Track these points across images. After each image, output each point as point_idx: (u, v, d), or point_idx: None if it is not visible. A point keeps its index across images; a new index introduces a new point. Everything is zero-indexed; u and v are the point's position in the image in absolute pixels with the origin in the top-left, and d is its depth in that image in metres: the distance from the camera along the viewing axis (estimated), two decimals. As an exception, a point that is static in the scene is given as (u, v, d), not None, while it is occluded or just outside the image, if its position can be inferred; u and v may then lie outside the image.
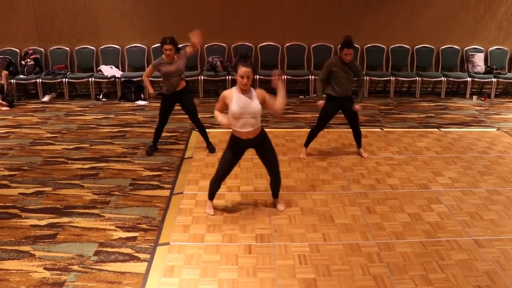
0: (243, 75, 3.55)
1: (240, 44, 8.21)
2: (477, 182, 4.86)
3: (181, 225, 4.04)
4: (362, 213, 4.24)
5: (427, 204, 4.39)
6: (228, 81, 7.98)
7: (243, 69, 3.54)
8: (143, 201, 4.52)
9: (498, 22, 8.28)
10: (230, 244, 3.75)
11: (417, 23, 8.23)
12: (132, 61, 8.27)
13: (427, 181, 4.88)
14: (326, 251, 3.66)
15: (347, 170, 5.14)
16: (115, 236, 3.93)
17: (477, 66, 8.08)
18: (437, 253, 3.64)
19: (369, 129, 6.44)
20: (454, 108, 7.62)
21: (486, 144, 5.93)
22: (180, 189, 4.70)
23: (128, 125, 6.69)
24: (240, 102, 3.68)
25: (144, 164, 5.36)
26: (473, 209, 4.31)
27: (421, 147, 5.82)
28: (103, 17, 8.09)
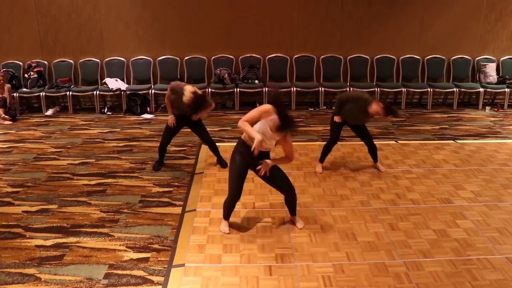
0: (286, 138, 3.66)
1: (248, 56, 8.07)
2: (501, 196, 4.67)
3: (196, 244, 3.83)
4: (385, 230, 4.03)
5: (452, 220, 4.19)
6: (236, 94, 7.82)
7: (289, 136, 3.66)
8: (154, 219, 4.31)
9: (509, 31, 8.16)
10: (249, 265, 3.54)
11: (428, 33, 8.11)
12: (138, 74, 8.12)
13: (449, 195, 4.69)
14: (351, 271, 3.45)
15: (365, 184, 4.94)
16: (126, 257, 3.72)
17: (489, 76, 7.94)
18: (469, 273, 3.43)
19: (384, 142, 6.26)
20: (468, 119, 7.46)
21: (506, 156, 5.75)
22: (192, 206, 4.50)
23: (135, 139, 6.51)
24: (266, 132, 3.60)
25: (154, 180, 5.17)
26: (501, 225, 4.11)
27: (438, 159, 5.64)
28: (107, 29, 7.96)
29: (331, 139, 5.16)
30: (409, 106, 8.22)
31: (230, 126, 7.12)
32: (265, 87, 7.84)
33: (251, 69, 7.92)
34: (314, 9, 7.91)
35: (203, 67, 8.07)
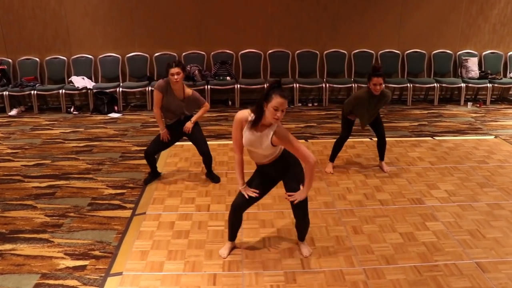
0: (278, 107, 2.77)
1: (220, 52, 7.74)
2: (476, 195, 4.35)
3: (139, 251, 3.49)
4: (347, 233, 3.70)
5: (422, 222, 3.87)
6: (206, 91, 7.48)
7: (280, 100, 2.75)
8: (100, 223, 3.97)
9: (491, 25, 7.88)
10: (192, 274, 3.20)
11: (407, 27, 7.81)
12: (106, 72, 7.77)
13: (421, 195, 4.37)
14: (304, 280, 3.12)
15: (332, 184, 4.62)
16: (62, 265, 3.37)
17: (471, 71, 7.65)
18: (434, 280, 3.10)
19: (357, 139, 5.94)
20: (449, 116, 7.15)
21: (485, 153, 5.44)
22: (143, 209, 4.15)
23: (97, 139, 6.16)
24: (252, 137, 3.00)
25: (108, 181, 4.82)
26: (474, 227, 3.79)
27: (414, 157, 5.32)
28: (74, 25, 7.61)
29: (343, 135, 4.80)
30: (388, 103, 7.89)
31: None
32: (237, 83, 7.50)
33: (222, 65, 7.59)
34: (289, 3, 7.59)
35: (173, 64, 7.71)
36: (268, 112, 2.82)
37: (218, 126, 6.63)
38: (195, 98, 4.48)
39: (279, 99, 2.77)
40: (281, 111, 2.79)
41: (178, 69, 4.23)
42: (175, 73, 4.22)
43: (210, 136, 6.19)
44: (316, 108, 7.65)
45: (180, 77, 4.26)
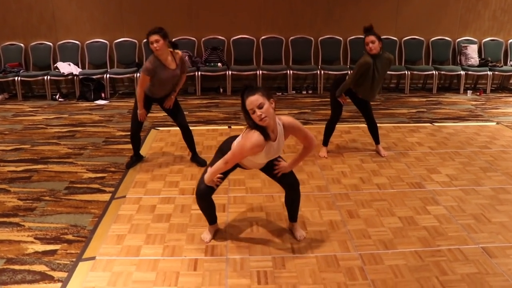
0: (252, 108, 2.52)
1: (211, 38, 7.46)
2: (480, 180, 4.09)
3: (115, 235, 3.21)
4: (342, 217, 3.43)
5: (422, 206, 3.60)
6: (197, 78, 7.20)
7: (248, 101, 2.52)
8: (76, 207, 3.68)
9: (491, 11, 7.62)
10: (171, 259, 2.92)
11: (404, 13, 7.55)
12: (93, 58, 7.48)
13: (421, 179, 4.10)
14: (294, 266, 2.84)
15: (326, 168, 4.34)
16: (30, 250, 3.08)
17: (470, 58, 7.39)
18: (437, 266, 2.83)
19: (353, 125, 5.68)
20: (448, 103, 6.89)
21: (486, 139, 5.18)
22: (123, 193, 3.87)
23: (81, 125, 5.86)
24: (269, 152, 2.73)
25: (88, 165, 4.53)
26: (478, 211, 3.53)
27: (412, 142, 5.06)
28: (60, 9, 7.31)
29: (333, 116, 4.51)
30: (385, 91, 7.64)
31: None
32: (229, 70, 7.22)
33: (213, 51, 7.30)
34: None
35: (163, 50, 7.43)
36: (254, 119, 2.57)
37: (208, 113, 6.35)
38: (183, 60, 4.18)
39: (248, 100, 2.53)
40: (258, 108, 2.52)
41: (156, 36, 3.88)
42: (153, 41, 3.89)
43: (199, 121, 5.91)
44: (311, 95, 7.38)
45: (160, 45, 3.90)
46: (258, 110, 2.52)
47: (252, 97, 2.52)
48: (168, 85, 4.14)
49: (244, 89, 2.59)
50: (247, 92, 2.56)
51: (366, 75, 4.18)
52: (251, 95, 2.53)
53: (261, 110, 2.52)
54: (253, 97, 2.52)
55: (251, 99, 2.52)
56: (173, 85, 4.19)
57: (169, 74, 4.04)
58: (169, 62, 4.03)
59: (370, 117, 4.52)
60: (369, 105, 4.51)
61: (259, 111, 2.52)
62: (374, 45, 4.07)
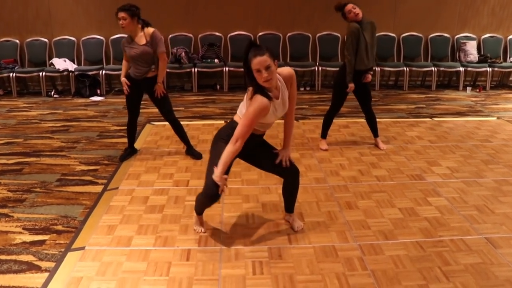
0: (259, 68, 2.42)
1: (208, 34, 7.38)
2: (481, 172, 4.00)
3: (106, 225, 3.10)
4: (340, 209, 3.33)
5: (423, 197, 3.51)
6: (194, 74, 7.12)
7: (256, 60, 2.40)
8: (67, 198, 3.58)
9: (490, 7, 7.56)
10: (163, 249, 2.81)
11: (402, 9, 7.48)
12: (89, 54, 7.39)
13: (421, 171, 4.01)
14: (291, 256, 2.74)
15: (324, 161, 4.25)
16: (18, 240, 2.98)
17: (469, 54, 7.32)
18: (440, 256, 2.73)
19: (351, 120, 5.59)
20: (447, 99, 6.81)
21: (487, 133, 5.09)
22: (115, 185, 3.77)
23: (75, 120, 5.76)
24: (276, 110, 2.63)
25: (81, 158, 4.43)
26: (481, 202, 3.43)
27: (412, 136, 4.97)
28: (56, 5, 7.23)
29: (335, 107, 4.40)
30: (384, 88, 7.56)
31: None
32: (225, 67, 7.13)
33: (210, 47, 7.22)
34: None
35: (159, 46, 7.35)
36: (256, 78, 2.47)
37: (205, 108, 6.25)
38: (156, 37, 3.98)
39: (255, 60, 2.42)
40: (265, 69, 2.42)
41: (123, 14, 3.84)
42: (120, 18, 3.86)
43: (195, 116, 5.81)
44: (309, 92, 7.29)
45: (126, 23, 3.86)
46: (265, 71, 2.42)
47: (261, 58, 2.41)
48: (139, 62, 4.00)
49: (250, 46, 2.47)
50: (254, 51, 2.44)
51: (358, 43, 4.10)
52: (260, 55, 2.41)
53: (268, 72, 2.43)
54: (262, 57, 2.41)
55: (260, 59, 2.41)
56: (147, 63, 4.01)
57: (137, 50, 3.95)
58: (138, 38, 3.98)
59: (369, 108, 4.43)
60: (369, 96, 4.41)
61: (266, 73, 2.43)
62: (356, 10, 4.07)
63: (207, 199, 2.71)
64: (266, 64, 2.41)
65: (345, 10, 4.13)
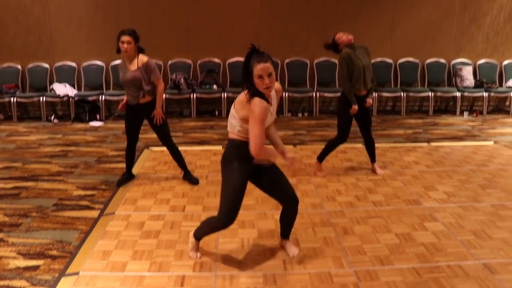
0: (262, 74, 2.45)
1: (207, 61, 7.48)
2: (478, 196, 3.99)
3: (101, 250, 3.09)
4: (336, 234, 3.32)
5: (419, 223, 3.50)
6: (192, 100, 7.18)
7: (260, 66, 2.45)
8: (63, 223, 3.57)
9: (484, 33, 7.69)
10: (157, 274, 2.79)
11: (399, 35, 7.60)
12: (89, 80, 7.48)
13: (417, 196, 4.01)
14: (286, 282, 2.72)
15: (321, 186, 4.25)
16: (12, 265, 2.96)
17: (466, 80, 7.40)
18: (436, 283, 2.71)
19: (349, 145, 5.61)
20: (444, 124, 6.85)
21: (485, 157, 5.11)
22: (112, 210, 3.77)
23: (74, 145, 5.79)
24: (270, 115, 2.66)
25: (79, 183, 4.44)
26: (478, 227, 3.42)
27: (409, 161, 4.98)
28: (58, 32, 7.36)
29: (341, 136, 4.36)
30: (381, 113, 7.61)
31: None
32: (224, 92, 7.21)
33: (209, 73, 7.31)
34: (277, 11, 7.40)
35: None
36: (256, 84, 2.50)
37: (203, 134, 6.29)
38: (149, 65, 4.00)
39: (259, 65, 2.46)
40: (267, 76, 2.47)
41: (129, 38, 3.92)
42: (125, 42, 3.92)
43: (194, 142, 5.84)
44: (307, 118, 7.34)
45: (130, 47, 3.93)
46: (267, 78, 2.46)
47: (265, 64, 2.46)
48: (129, 86, 4.05)
49: (252, 51, 2.51)
50: (258, 57, 2.48)
51: (354, 66, 4.15)
52: (264, 61, 2.46)
53: (270, 78, 2.48)
54: (266, 64, 2.46)
55: (264, 65, 2.46)
56: (137, 89, 4.04)
57: (128, 76, 4.00)
58: (132, 63, 4.04)
59: (369, 133, 4.45)
60: (369, 120, 4.44)
61: (268, 79, 2.47)
62: (347, 36, 4.16)
63: (221, 224, 2.73)
64: (269, 71, 2.47)
65: (335, 39, 4.21)
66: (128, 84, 4.05)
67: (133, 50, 3.98)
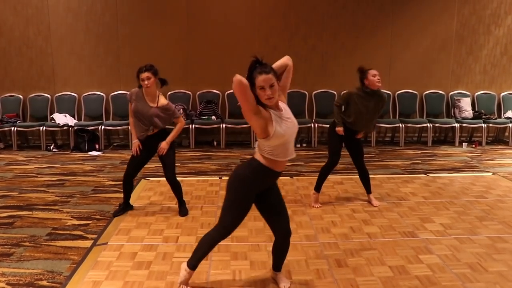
0: (264, 85, 2.47)
1: (206, 92, 7.57)
2: (475, 228, 3.94)
3: (91, 281, 3.05)
4: (329, 266, 3.27)
5: (414, 255, 3.44)
6: (191, 130, 7.23)
7: (261, 77, 2.47)
8: (55, 253, 3.53)
9: (482, 65, 7.78)
10: (146, 307, 2.75)
11: (397, 67, 7.70)
12: (89, 110, 7.56)
13: (413, 228, 3.96)
14: (277, 315, 2.67)
15: (316, 218, 4.22)
16: (0, 297, 2.92)
17: (464, 111, 7.44)
18: (429, 317, 2.65)
19: (346, 176, 5.60)
20: (443, 155, 6.84)
21: (482, 188, 5.08)
22: (105, 240, 3.73)
23: (71, 174, 5.80)
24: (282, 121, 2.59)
25: (74, 212, 4.42)
26: (474, 260, 3.36)
27: (406, 192, 4.95)
28: (59, 63, 7.49)
29: (332, 160, 4.38)
30: (380, 144, 7.63)
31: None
32: (223, 123, 7.25)
33: (208, 104, 7.39)
34: (276, 42, 7.52)
35: (158, 102, 7.53)
36: (258, 95, 2.51)
37: (200, 164, 6.30)
38: (169, 109, 4.12)
39: (261, 77, 2.48)
40: (269, 87, 2.48)
41: (148, 74, 3.97)
42: (145, 78, 3.97)
43: (191, 172, 5.84)
44: (305, 148, 7.35)
45: (151, 82, 3.99)
46: (269, 89, 2.48)
47: (267, 76, 2.48)
48: (143, 119, 4.08)
49: (255, 63, 2.54)
50: (260, 68, 2.51)
51: (350, 106, 4.19)
52: (266, 73, 2.49)
53: (271, 89, 2.49)
54: (268, 76, 2.49)
55: (265, 77, 2.48)
56: (150, 123, 4.08)
57: (144, 109, 4.04)
58: (151, 98, 4.08)
59: (361, 164, 4.45)
60: (360, 151, 4.44)
61: (269, 91, 2.48)
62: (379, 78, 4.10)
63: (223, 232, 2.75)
64: (271, 82, 2.48)
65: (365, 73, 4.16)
66: (144, 117, 4.08)
67: (154, 84, 4.03)
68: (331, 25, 7.56)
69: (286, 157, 2.67)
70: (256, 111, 2.49)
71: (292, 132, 2.64)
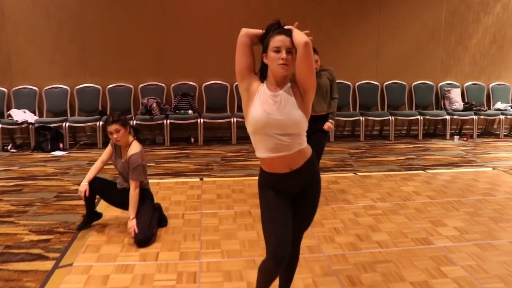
0: (280, 46, 2.04)
1: (181, 83, 6.97)
2: (493, 232, 3.54)
3: (52, 318, 2.45)
4: (341, 286, 2.78)
5: (435, 267, 2.99)
6: (166, 126, 6.62)
7: (278, 37, 2.05)
8: (7, 280, 2.91)
9: (471, 55, 7.50)
10: None
11: (384, 56, 7.30)
12: (52, 105, 6.84)
13: (427, 233, 3.52)
14: None
15: (316, 224, 3.72)
16: None
17: (455, 102, 7.12)
18: None
19: (340, 174, 5.13)
20: (436, 149, 6.48)
21: (487, 185, 4.71)
22: (69, 260, 3.12)
23: (31, 178, 5.11)
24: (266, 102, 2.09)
25: (32, 225, 3.77)
26: (504, 270, 2.94)
27: (408, 191, 4.52)
28: (16, 52, 6.73)
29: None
30: (368, 138, 7.22)
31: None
32: (200, 118, 6.68)
33: (183, 97, 6.79)
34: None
35: (128, 97, 6.90)
36: (271, 61, 2.08)
37: (178, 164, 5.70)
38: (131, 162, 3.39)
39: (278, 37, 2.05)
40: (285, 51, 2.03)
41: (116, 126, 3.33)
42: (113, 131, 3.34)
43: (167, 173, 5.25)
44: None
45: (120, 135, 3.35)
46: (284, 53, 2.04)
47: (286, 38, 2.06)
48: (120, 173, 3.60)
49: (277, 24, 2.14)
50: (280, 30, 2.10)
51: None
52: (287, 35, 2.06)
53: (288, 56, 2.04)
54: (285, 37, 2.06)
55: (285, 38, 2.06)
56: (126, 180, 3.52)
57: (118, 166, 3.55)
58: (123, 151, 3.49)
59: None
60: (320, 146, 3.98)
61: (285, 55, 2.03)
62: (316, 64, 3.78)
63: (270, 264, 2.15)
64: (289, 46, 2.04)
65: None
66: (118, 171, 3.59)
67: (125, 137, 3.40)
68: (316, 12, 7.08)
69: (266, 153, 2.11)
70: (243, 76, 2.17)
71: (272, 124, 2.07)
